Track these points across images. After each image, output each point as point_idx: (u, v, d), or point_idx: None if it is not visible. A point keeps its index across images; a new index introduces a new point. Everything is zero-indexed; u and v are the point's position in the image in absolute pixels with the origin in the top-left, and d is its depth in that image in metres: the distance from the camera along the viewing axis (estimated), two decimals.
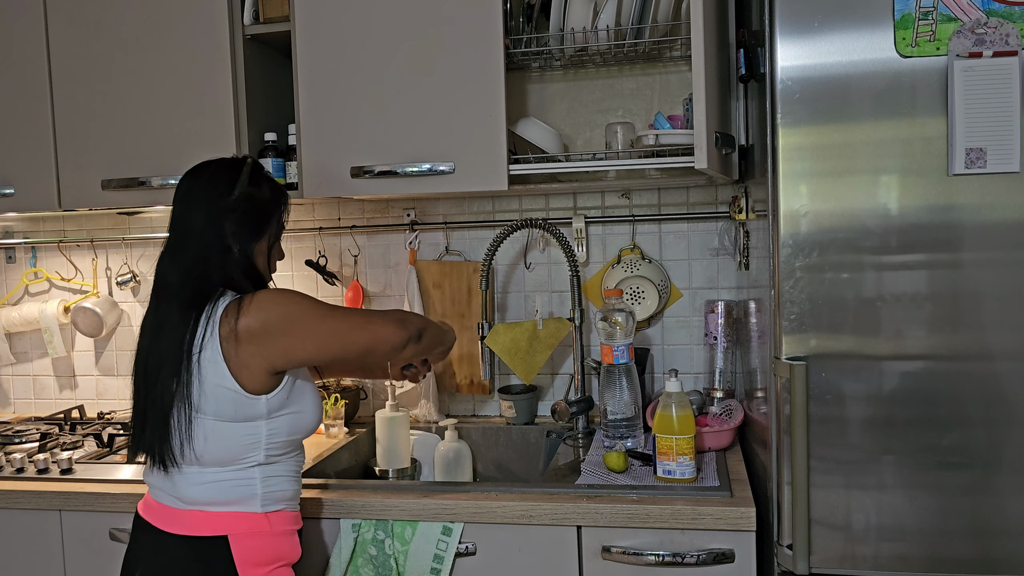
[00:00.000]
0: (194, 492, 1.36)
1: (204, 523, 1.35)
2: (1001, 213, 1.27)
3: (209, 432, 1.33)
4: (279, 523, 1.40)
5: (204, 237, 1.37)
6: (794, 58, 1.30)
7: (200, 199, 1.39)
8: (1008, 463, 1.29)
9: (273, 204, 1.46)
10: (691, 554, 1.45)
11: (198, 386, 1.31)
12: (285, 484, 1.42)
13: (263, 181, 1.46)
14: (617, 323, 1.72)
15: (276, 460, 1.40)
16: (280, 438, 1.38)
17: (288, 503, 1.43)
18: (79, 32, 1.93)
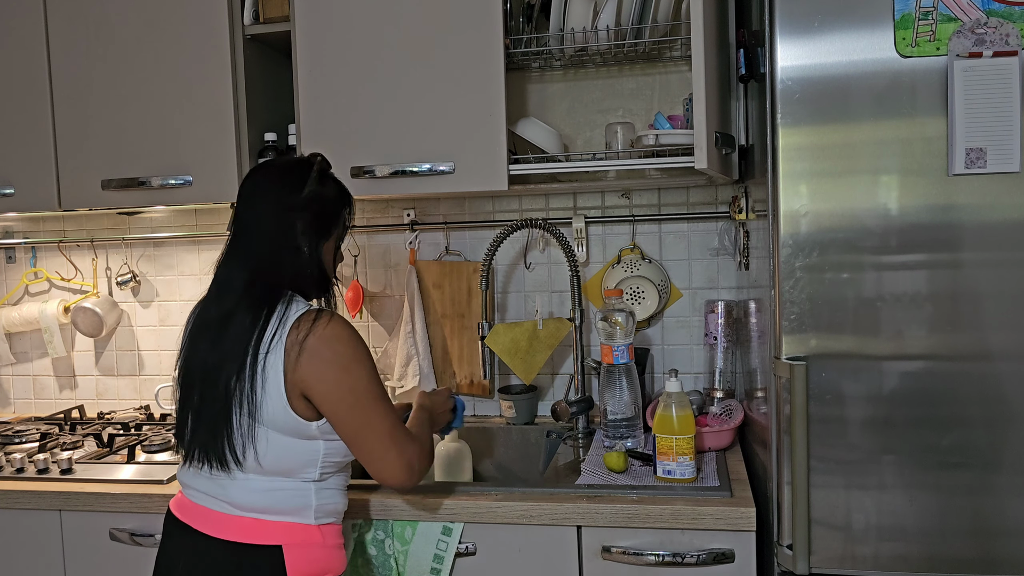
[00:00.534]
0: (249, 498, 1.33)
1: (257, 531, 1.33)
2: (1001, 213, 1.27)
3: (271, 440, 1.31)
4: (330, 536, 1.38)
5: (273, 236, 1.35)
6: (794, 58, 1.30)
7: (269, 197, 1.36)
8: (1008, 463, 1.29)
9: (340, 203, 1.43)
10: (691, 554, 1.45)
11: (261, 388, 1.29)
12: (337, 498, 1.40)
13: (330, 180, 1.43)
14: (617, 323, 1.72)
15: (329, 476, 1.38)
16: (336, 458, 1.37)
17: (337, 517, 1.41)
18: (79, 32, 1.93)
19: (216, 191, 1.89)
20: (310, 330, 1.29)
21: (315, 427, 1.32)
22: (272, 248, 1.35)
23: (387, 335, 2.25)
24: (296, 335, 1.29)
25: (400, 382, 2.18)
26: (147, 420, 2.21)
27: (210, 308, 1.36)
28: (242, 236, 1.37)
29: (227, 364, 1.30)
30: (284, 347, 1.28)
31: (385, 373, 2.24)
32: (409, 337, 2.17)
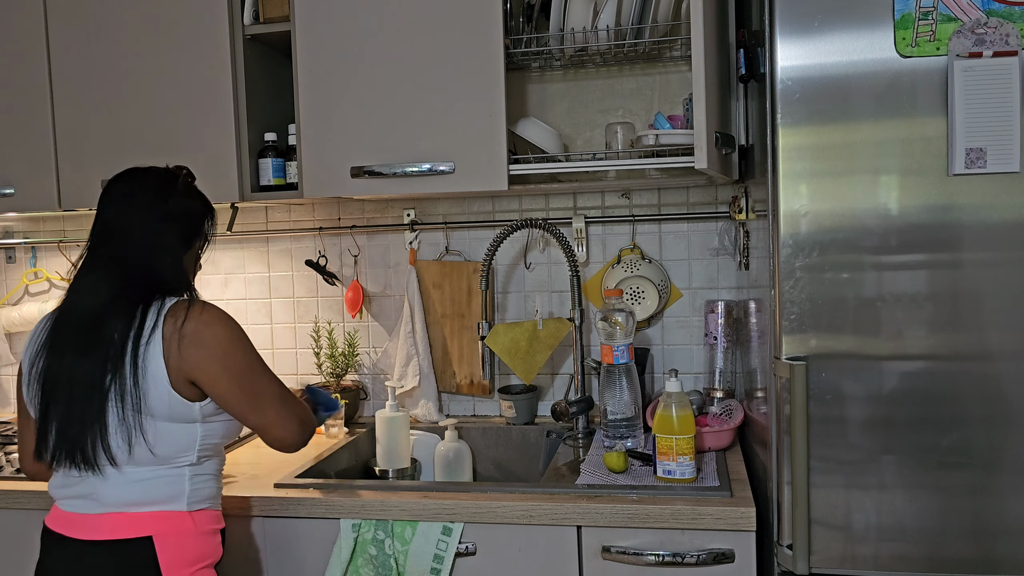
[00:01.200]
0: (118, 493, 1.34)
1: (127, 525, 1.34)
2: (1001, 213, 1.27)
3: (148, 430, 1.33)
4: (203, 522, 1.40)
5: (145, 244, 1.40)
6: (794, 58, 1.30)
7: (139, 207, 1.41)
8: (1008, 463, 1.29)
9: (203, 217, 1.50)
10: (691, 554, 1.45)
11: (143, 380, 1.31)
12: (211, 482, 1.43)
13: (195, 194, 1.50)
14: (617, 323, 1.72)
15: (206, 459, 1.41)
16: (213, 440, 1.40)
17: (211, 502, 1.43)
18: (79, 32, 1.93)
19: (216, 191, 1.88)
20: (186, 317, 1.34)
21: (197, 408, 1.35)
22: (143, 255, 1.39)
23: (387, 335, 2.25)
24: (174, 323, 1.33)
25: (400, 382, 2.18)
26: None
27: (71, 317, 1.37)
28: (109, 244, 1.40)
29: (101, 366, 1.31)
30: (162, 336, 1.32)
31: (385, 373, 2.25)
32: (409, 337, 2.17)
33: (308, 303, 2.30)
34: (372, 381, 2.28)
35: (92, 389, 1.31)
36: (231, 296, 2.33)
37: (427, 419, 2.17)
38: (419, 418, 2.18)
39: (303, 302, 2.30)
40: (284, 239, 2.30)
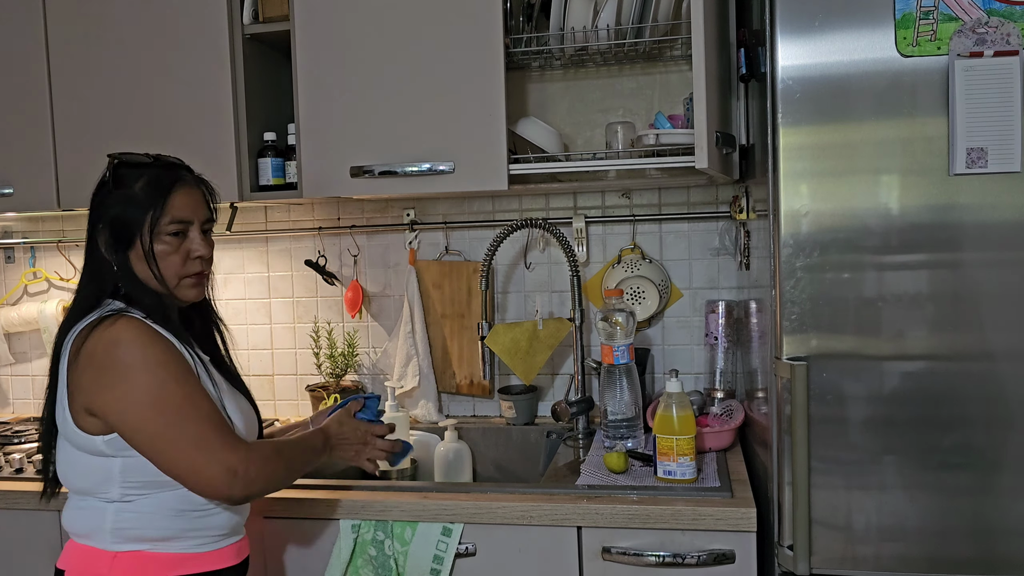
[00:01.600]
0: (65, 517, 1.30)
1: (61, 552, 1.30)
2: (1002, 213, 1.27)
3: (66, 456, 1.26)
4: (129, 567, 1.22)
5: (88, 255, 1.30)
6: (795, 58, 1.30)
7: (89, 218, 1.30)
8: (1009, 463, 1.29)
9: (148, 196, 1.27)
10: (692, 555, 1.45)
11: (58, 402, 1.25)
12: (148, 522, 1.23)
13: (134, 179, 1.28)
14: (617, 323, 1.71)
15: (136, 498, 1.23)
16: (142, 477, 1.22)
17: (151, 544, 1.23)
18: (79, 32, 1.93)
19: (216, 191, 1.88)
20: (88, 335, 1.19)
21: (101, 442, 1.21)
22: (85, 268, 1.30)
23: (387, 335, 2.25)
24: (78, 342, 1.20)
25: (400, 382, 2.18)
26: None
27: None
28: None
29: (49, 392, 1.28)
30: (68, 356, 1.22)
31: (385, 373, 2.24)
32: (409, 337, 2.16)
33: (307, 303, 2.30)
34: (372, 381, 2.27)
35: (44, 414, 1.29)
36: (230, 296, 2.33)
37: (427, 419, 2.16)
38: (419, 418, 2.17)
39: (302, 302, 2.30)
40: (283, 239, 2.30)
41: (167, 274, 1.29)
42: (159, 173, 1.30)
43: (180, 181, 1.31)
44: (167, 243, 1.29)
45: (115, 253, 1.27)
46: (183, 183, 1.31)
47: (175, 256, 1.30)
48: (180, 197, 1.30)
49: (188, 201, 1.31)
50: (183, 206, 1.30)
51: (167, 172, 1.31)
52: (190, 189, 1.33)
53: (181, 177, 1.32)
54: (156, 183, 1.29)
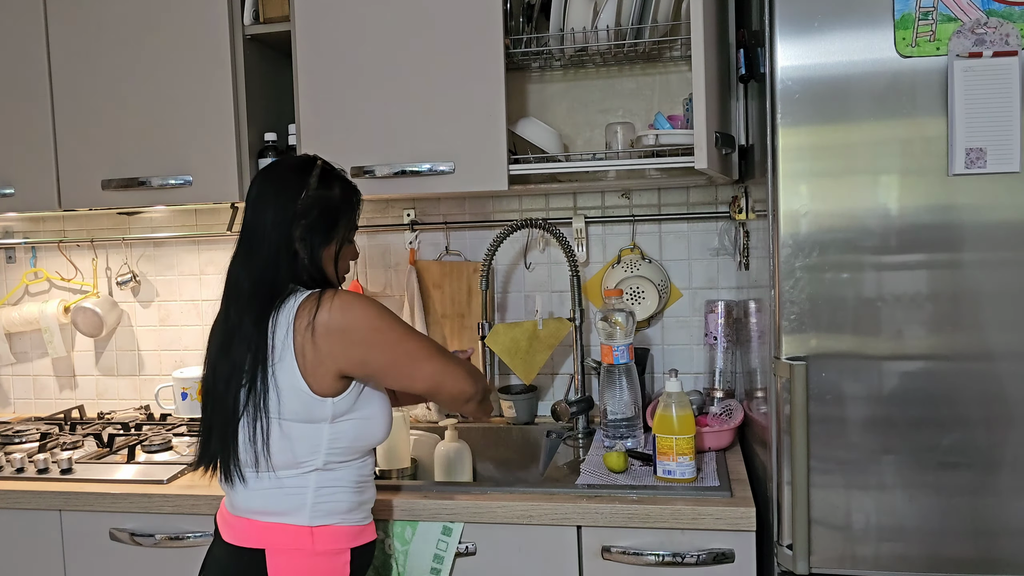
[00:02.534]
0: (245, 498, 1.34)
1: (247, 532, 1.33)
2: (1001, 213, 1.27)
3: (274, 435, 1.30)
4: (325, 540, 1.33)
5: (273, 241, 1.34)
6: (794, 58, 1.30)
7: (269, 202, 1.35)
8: (1008, 463, 1.29)
9: (344, 204, 1.41)
10: (691, 554, 1.45)
11: (274, 392, 1.29)
12: (343, 495, 1.35)
13: (334, 181, 1.41)
14: (617, 323, 1.72)
15: (336, 467, 1.34)
16: (342, 443, 1.33)
17: (341, 517, 1.35)
18: (79, 32, 1.93)
19: (216, 191, 1.89)
20: (318, 308, 1.29)
21: (330, 404, 1.31)
22: (271, 253, 1.34)
23: None
24: (308, 317, 1.29)
25: None
26: (147, 420, 2.21)
27: (220, 317, 1.37)
28: (245, 242, 1.37)
29: (235, 376, 1.30)
30: (293, 334, 1.29)
31: None
32: None
33: None
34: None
35: (228, 401, 1.31)
36: None
37: (427, 419, 2.17)
38: (419, 418, 2.17)
39: None
40: None
41: (342, 271, 1.44)
42: (347, 184, 1.45)
43: (360, 194, 1.48)
44: (347, 245, 1.45)
45: (309, 247, 1.36)
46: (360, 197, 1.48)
47: (348, 257, 1.46)
48: (361, 210, 1.48)
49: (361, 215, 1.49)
50: (360, 218, 1.48)
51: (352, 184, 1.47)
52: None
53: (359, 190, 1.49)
54: (352, 193, 1.45)
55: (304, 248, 1.35)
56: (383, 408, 1.39)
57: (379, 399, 1.39)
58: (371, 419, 1.37)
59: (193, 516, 1.64)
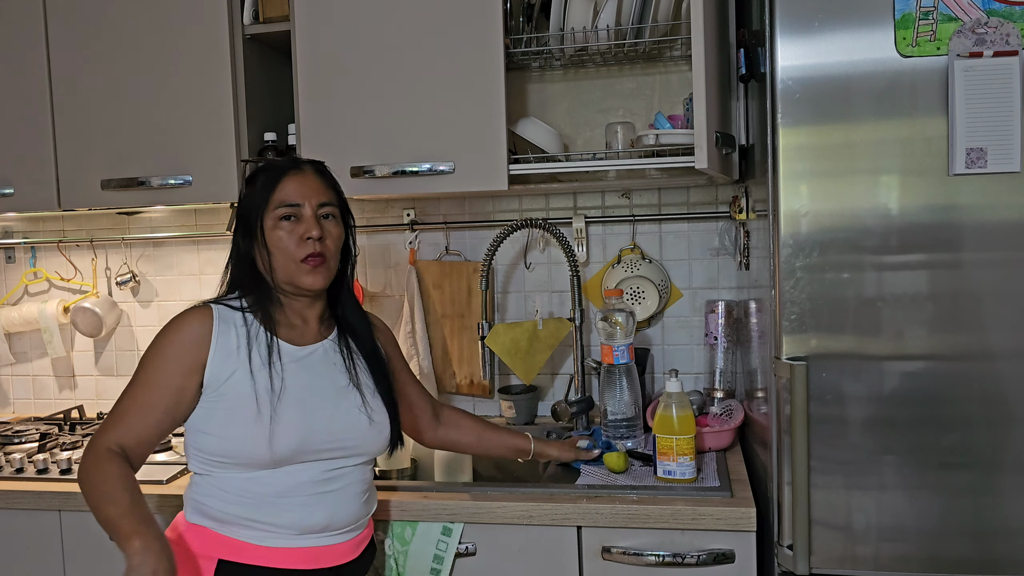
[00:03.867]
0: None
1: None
2: (1001, 213, 1.27)
3: (188, 429, 1.35)
4: (192, 538, 1.31)
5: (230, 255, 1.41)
6: (794, 58, 1.30)
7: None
8: (1009, 463, 1.29)
9: (260, 194, 1.35)
10: (691, 554, 1.45)
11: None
12: (213, 502, 1.30)
13: (257, 175, 1.39)
14: (617, 323, 1.71)
15: (208, 472, 1.31)
16: (205, 452, 1.30)
17: (213, 522, 1.30)
18: (79, 32, 1.93)
19: (216, 191, 1.89)
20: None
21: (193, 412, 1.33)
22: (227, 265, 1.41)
23: None
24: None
25: None
26: None
27: None
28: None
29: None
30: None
31: None
32: (409, 337, 2.16)
33: None
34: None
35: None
36: None
37: None
38: None
39: None
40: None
41: (282, 260, 1.34)
42: (276, 166, 1.38)
43: (292, 169, 1.37)
44: (282, 228, 1.34)
45: (239, 248, 1.38)
46: (294, 171, 1.37)
47: (289, 240, 1.33)
48: (289, 183, 1.35)
49: (297, 187, 1.35)
50: (292, 191, 1.34)
51: (283, 164, 1.38)
52: (301, 176, 1.37)
53: (294, 166, 1.38)
54: (268, 172, 1.37)
55: (239, 250, 1.38)
56: (247, 431, 1.27)
57: (243, 421, 1.28)
58: (228, 440, 1.28)
59: None
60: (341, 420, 1.35)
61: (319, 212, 1.36)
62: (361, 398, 1.38)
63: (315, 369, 1.37)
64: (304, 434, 1.30)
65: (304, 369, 1.36)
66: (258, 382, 1.30)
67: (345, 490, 1.36)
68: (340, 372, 1.39)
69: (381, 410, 1.40)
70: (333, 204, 1.39)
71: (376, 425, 1.38)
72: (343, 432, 1.35)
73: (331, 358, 1.40)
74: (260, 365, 1.31)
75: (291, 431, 1.29)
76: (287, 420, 1.29)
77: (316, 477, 1.33)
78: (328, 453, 1.34)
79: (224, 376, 1.30)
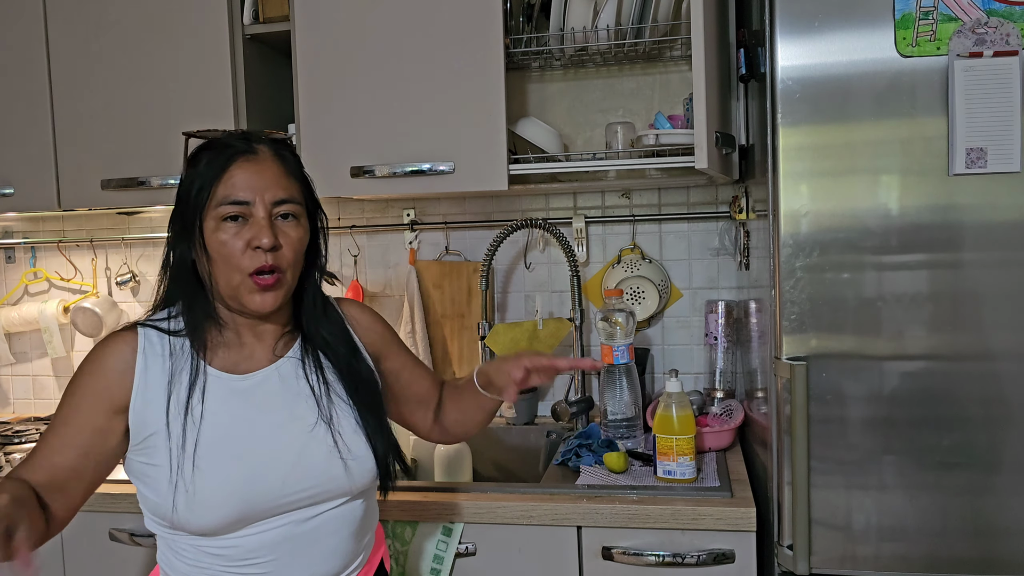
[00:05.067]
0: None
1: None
2: (1001, 213, 1.27)
3: None
4: None
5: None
6: (794, 58, 1.30)
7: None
8: (1008, 463, 1.29)
9: (201, 183, 1.06)
10: (691, 554, 1.45)
11: None
12: (174, 563, 1.09)
13: (199, 155, 1.09)
14: (617, 323, 1.71)
15: (159, 533, 1.10)
16: (145, 509, 1.09)
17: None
18: (79, 32, 1.93)
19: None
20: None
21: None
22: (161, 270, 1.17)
23: None
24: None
25: None
26: None
27: None
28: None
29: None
30: None
31: None
32: (409, 337, 2.16)
33: None
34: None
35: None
36: None
37: None
38: None
39: None
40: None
41: (225, 271, 1.06)
42: (223, 145, 1.08)
43: (243, 153, 1.06)
44: (225, 230, 1.05)
45: (174, 250, 1.10)
46: (246, 156, 1.06)
47: (234, 246, 1.05)
48: (238, 173, 1.05)
49: (247, 177, 1.05)
50: (240, 183, 1.04)
51: (232, 145, 1.07)
52: (254, 162, 1.06)
53: (245, 148, 1.07)
54: (215, 159, 1.07)
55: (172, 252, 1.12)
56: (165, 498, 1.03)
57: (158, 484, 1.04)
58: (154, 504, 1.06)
59: None
60: (303, 468, 1.07)
61: (274, 212, 1.07)
62: (332, 436, 1.09)
63: (263, 403, 1.09)
64: (242, 496, 1.03)
65: (245, 404, 1.07)
66: (172, 432, 1.03)
67: (329, 538, 1.10)
68: (302, 401, 1.10)
69: (362, 446, 1.11)
70: (294, 201, 1.09)
71: (354, 466, 1.10)
72: (305, 481, 1.07)
73: (289, 385, 1.11)
74: (177, 409, 1.05)
75: (217, 497, 1.02)
76: (211, 483, 1.02)
77: (287, 534, 1.07)
78: (292, 505, 1.07)
79: (149, 423, 1.05)
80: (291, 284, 1.11)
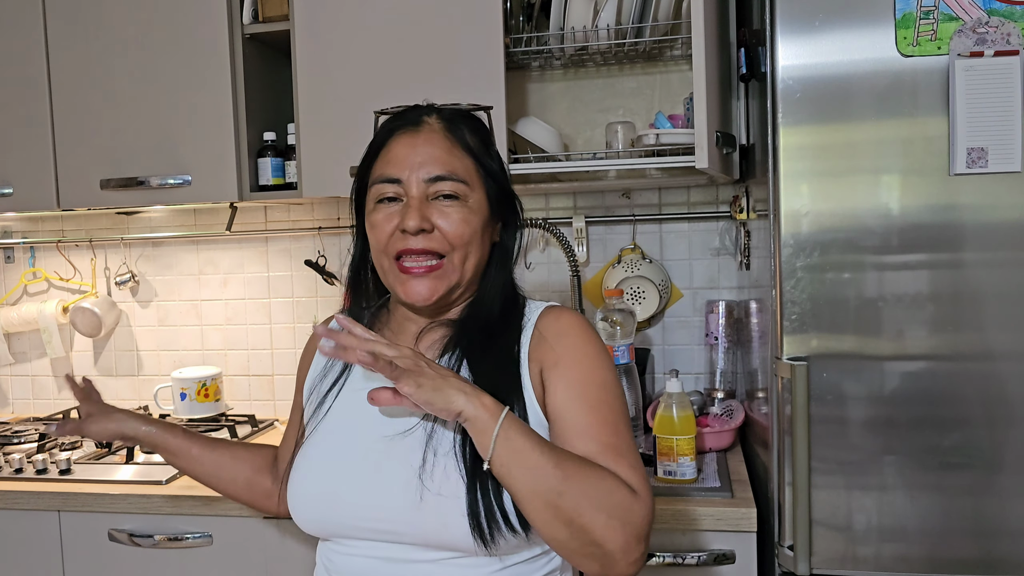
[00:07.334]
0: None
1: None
2: (1002, 213, 1.27)
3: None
4: None
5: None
6: (795, 57, 1.30)
7: None
8: (1009, 463, 1.29)
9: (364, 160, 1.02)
10: (692, 555, 1.44)
11: None
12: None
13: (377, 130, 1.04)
14: (617, 323, 1.71)
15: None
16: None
17: None
18: (79, 32, 1.93)
19: (215, 191, 1.88)
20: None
21: None
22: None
23: None
24: None
25: None
26: None
27: None
28: None
29: None
30: None
31: None
32: None
33: (307, 303, 2.29)
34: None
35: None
36: (230, 296, 2.33)
37: None
38: None
39: (302, 302, 2.30)
40: (283, 239, 2.30)
41: (377, 257, 0.99)
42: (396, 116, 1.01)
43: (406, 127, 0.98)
44: (378, 211, 0.98)
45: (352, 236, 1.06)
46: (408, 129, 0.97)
47: (382, 229, 0.96)
48: (396, 147, 0.97)
49: (405, 152, 0.96)
50: (394, 159, 0.96)
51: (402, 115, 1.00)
52: (414, 135, 0.97)
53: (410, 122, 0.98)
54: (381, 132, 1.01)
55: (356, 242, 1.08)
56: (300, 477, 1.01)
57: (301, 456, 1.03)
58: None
59: (192, 517, 1.63)
60: (375, 489, 0.92)
61: (430, 191, 0.95)
62: (422, 458, 0.90)
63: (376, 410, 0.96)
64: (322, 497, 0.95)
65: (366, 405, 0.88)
66: (306, 414, 1.04)
67: None
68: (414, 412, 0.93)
69: (455, 482, 0.89)
70: (456, 178, 0.96)
71: (432, 507, 0.89)
72: (376, 509, 0.92)
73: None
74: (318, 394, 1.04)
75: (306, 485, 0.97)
76: (305, 469, 0.98)
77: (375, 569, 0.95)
78: (369, 534, 0.94)
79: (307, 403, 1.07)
80: (461, 275, 0.97)
